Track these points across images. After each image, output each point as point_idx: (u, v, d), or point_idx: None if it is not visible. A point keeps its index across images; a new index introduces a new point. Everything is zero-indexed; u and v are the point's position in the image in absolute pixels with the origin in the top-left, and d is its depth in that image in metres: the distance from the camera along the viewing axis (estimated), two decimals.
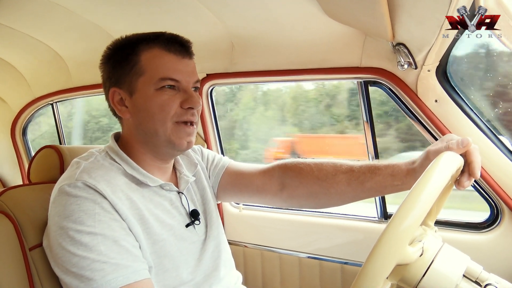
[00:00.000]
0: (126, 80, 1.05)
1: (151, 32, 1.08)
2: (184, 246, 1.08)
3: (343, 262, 1.75)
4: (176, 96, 1.04)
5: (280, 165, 1.28)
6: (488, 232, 1.48)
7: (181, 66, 1.05)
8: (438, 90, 1.42)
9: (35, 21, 1.80)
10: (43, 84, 2.48)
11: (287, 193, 1.26)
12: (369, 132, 1.66)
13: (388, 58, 1.47)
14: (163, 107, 1.02)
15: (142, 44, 1.05)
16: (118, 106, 1.08)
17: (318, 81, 2.91)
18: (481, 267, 0.78)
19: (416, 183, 0.69)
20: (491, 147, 1.39)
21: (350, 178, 1.15)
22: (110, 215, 0.92)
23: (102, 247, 0.88)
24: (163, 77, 1.02)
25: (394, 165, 1.09)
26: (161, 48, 1.04)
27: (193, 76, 1.07)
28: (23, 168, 2.84)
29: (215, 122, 2.03)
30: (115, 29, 1.78)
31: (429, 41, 1.12)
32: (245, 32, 1.67)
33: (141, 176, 1.06)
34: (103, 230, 0.89)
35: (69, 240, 0.88)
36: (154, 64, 1.03)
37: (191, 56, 1.09)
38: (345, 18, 1.38)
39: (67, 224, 0.89)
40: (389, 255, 0.62)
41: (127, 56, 1.05)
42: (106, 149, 1.10)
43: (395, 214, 0.65)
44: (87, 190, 0.92)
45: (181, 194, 1.16)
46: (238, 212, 2.03)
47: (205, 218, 1.21)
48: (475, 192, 1.50)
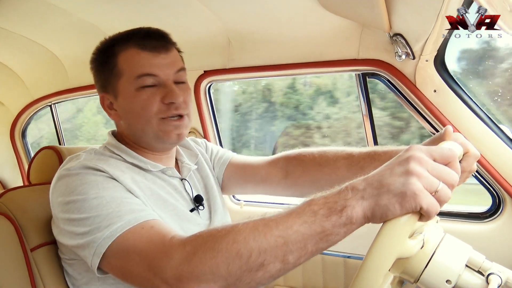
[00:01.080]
0: (109, 83, 1.06)
1: (127, 30, 1.07)
2: (188, 227, 1.08)
3: (346, 255, 1.75)
4: (156, 92, 1.03)
5: (284, 155, 1.30)
6: (490, 222, 1.48)
7: (157, 60, 1.03)
8: (436, 80, 1.41)
9: (31, 22, 1.79)
10: (41, 85, 2.47)
11: (290, 181, 1.27)
12: (368, 125, 1.66)
13: (386, 49, 1.46)
14: (144, 106, 1.02)
15: (118, 45, 1.05)
16: (109, 110, 1.10)
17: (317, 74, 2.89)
18: (484, 257, 0.78)
19: None
20: (492, 136, 1.38)
21: (350, 164, 1.16)
22: (114, 183, 0.93)
23: (112, 204, 0.88)
24: (139, 74, 1.01)
25: (393, 151, 1.09)
26: (135, 47, 1.03)
27: (172, 68, 1.05)
28: (23, 170, 2.84)
29: (214, 118, 2.02)
30: (111, 27, 1.76)
31: (426, 31, 1.11)
32: (242, 27, 1.66)
33: (141, 163, 1.07)
34: (109, 193, 0.90)
35: (77, 209, 0.88)
36: (130, 64, 1.02)
37: (168, 49, 1.07)
38: (342, 10, 1.37)
39: (72, 197, 0.89)
40: (389, 249, 0.62)
41: (107, 59, 1.05)
42: (104, 144, 1.12)
43: None
44: (87, 169, 0.93)
45: (184, 181, 1.17)
46: (240, 208, 2.03)
47: (209, 205, 1.22)
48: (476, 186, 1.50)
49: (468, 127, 1.39)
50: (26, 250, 1.07)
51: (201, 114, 1.97)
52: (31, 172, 1.34)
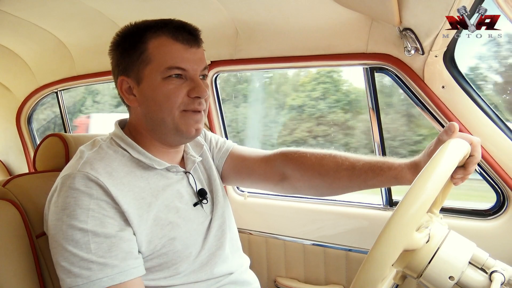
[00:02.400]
0: (133, 68, 1.05)
1: (159, 19, 1.06)
2: (192, 227, 1.09)
3: (347, 249, 1.76)
4: (183, 85, 1.03)
5: (281, 154, 1.28)
6: (494, 219, 1.48)
7: (189, 54, 1.03)
8: (445, 76, 1.40)
9: (39, 9, 1.79)
10: (47, 72, 2.48)
11: (288, 184, 1.27)
12: (374, 119, 1.65)
13: (395, 43, 1.44)
14: (170, 97, 1.02)
15: (150, 32, 1.03)
16: (126, 95, 1.08)
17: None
18: (487, 254, 0.78)
19: (423, 169, 0.69)
20: (499, 134, 1.37)
21: (352, 175, 1.15)
22: (104, 212, 0.93)
23: (92, 245, 0.89)
24: (170, 66, 1.01)
25: (397, 167, 1.08)
26: (169, 36, 1.02)
27: (200, 64, 1.06)
28: (28, 156, 2.86)
29: (220, 108, 2.02)
30: (119, 16, 1.77)
31: (436, 26, 1.10)
32: (250, 18, 1.65)
33: (147, 160, 1.06)
34: (94, 226, 0.90)
35: (62, 233, 0.90)
36: (162, 53, 1.02)
37: (199, 45, 1.07)
38: (352, 3, 1.36)
39: (62, 216, 0.91)
40: (397, 240, 0.62)
41: (134, 44, 1.04)
42: (111, 135, 1.11)
43: (403, 199, 0.65)
44: (86, 183, 0.93)
45: (188, 174, 1.17)
46: (243, 199, 2.04)
47: (212, 198, 1.22)
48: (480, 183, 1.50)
49: (475, 124, 1.39)
50: (31, 236, 1.08)
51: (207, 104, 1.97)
52: (37, 159, 1.35)
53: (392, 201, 1.72)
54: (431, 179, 0.66)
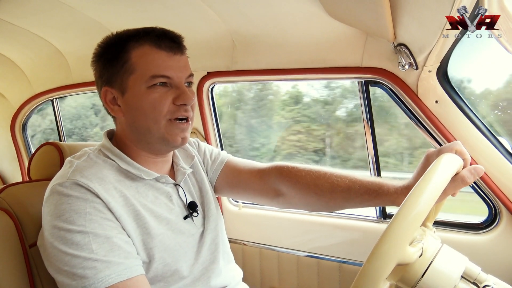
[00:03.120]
0: (117, 78, 1.04)
1: (141, 27, 1.05)
2: (182, 239, 1.08)
3: (341, 261, 1.76)
4: (168, 93, 1.02)
5: (276, 169, 1.26)
6: (486, 233, 1.49)
7: (172, 62, 1.02)
8: (438, 91, 1.42)
9: (36, 17, 1.80)
10: (43, 80, 2.48)
11: (283, 200, 1.26)
12: (369, 132, 1.66)
13: (389, 58, 1.47)
14: (155, 105, 1.01)
15: (132, 41, 1.02)
16: (111, 105, 1.07)
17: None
18: (479, 268, 0.79)
19: (417, 184, 0.69)
20: (491, 148, 1.39)
21: (348, 197, 1.14)
22: (101, 214, 0.92)
23: (93, 245, 0.87)
24: (154, 74, 1.00)
25: (393, 194, 1.06)
26: (151, 44, 1.01)
27: (185, 71, 1.05)
28: (22, 164, 2.84)
29: (215, 119, 2.03)
30: (116, 25, 1.76)
31: (430, 42, 1.12)
32: (247, 30, 1.67)
33: (135, 170, 1.05)
34: (94, 228, 0.89)
35: (60, 239, 0.88)
36: (145, 62, 1.00)
37: (182, 51, 1.06)
38: (347, 18, 1.38)
39: (58, 223, 0.89)
40: (390, 254, 0.63)
41: (117, 54, 1.03)
42: (99, 146, 1.10)
43: (397, 213, 0.65)
44: (78, 189, 0.92)
45: (178, 186, 1.16)
46: (238, 210, 2.04)
47: (203, 210, 1.21)
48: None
49: (467, 138, 1.40)
50: (25, 245, 1.07)
51: (203, 115, 1.98)
52: (32, 167, 1.34)
53: (386, 213, 1.73)
54: (424, 194, 0.67)
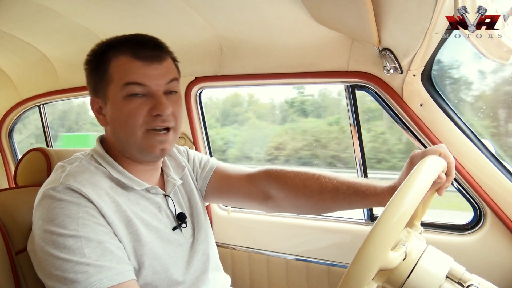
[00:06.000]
0: (100, 88, 1.04)
1: (122, 36, 1.05)
2: (171, 249, 1.08)
3: (330, 264, 1.77)
4: (144, 103, 1.00)
5: (265, 173, 1.28)
6: (471, 234, 1.51)
7: (148, 70, 1.00)
8: (423, 95, 1.45)
9: (23, 23, 1.78)
10: (30, 86, 2.45)
11: (272, 204, 1.27)
12: (356, 136, 1.68)
13: (375, 62, 1.49)
14: (130, 116, 0.99)
15: (112, 51, 1.02)
16: (97, 114, 1.08)
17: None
18: (464, 268, 0.80)
19: (399, 188, 0.70)
20: (474, 150, 1.42)
21: (336, 198, 1.15)
22: (94, 219, 0.91)
23: (85, 249, 0.87)
24: (127, 81, 0.98)
25: (380, 194, 1.09)
26: (128, 54, 1.00)
27: (163, 79, 1.02)
28: (9, 171, 2.80)
29: (204, 124, 2.03)
30: (104, 31, 1.78)
31: (414, 46, 1.14)
32: (234, 35, 1.68)
33: (126, 180, 1.05)
34: (86, 233, 0.88)
35: (52, 243, 0.87)
36: (121, 71, 0.99)
37: (162, 59, 1.03)
38: (332, 24, 1.40)
39: (50, 227, 0.88)
40: (372, 260, 0.63)
41: (98, 64, 1.03)
42: (92, 152, 1.09)
43: (379, 218, 0.66)
44: (71, 194, 0.91)
45: (167, 197, 1.16)
46: (227, 214, 2.03)
47: (192, 221, 1.21)
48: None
49: (452, 141, 1.43)
50: (11, 253, 1.06)
51: (191, 120, 1.98)
52: (18, 174, 1.33)
53: (373, 216, 1.75)
54: (407, 197, 0.68)
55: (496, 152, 1.43)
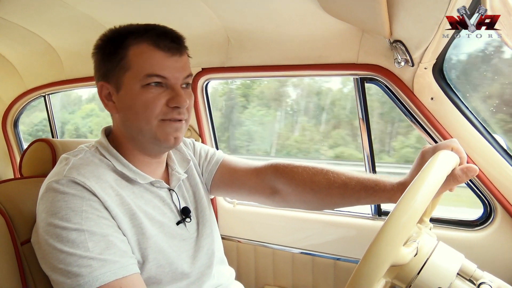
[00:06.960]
0: (113, 74, 1.02)
1: (142, 24, 1.03)
2: (174, 243, 1.07)
3: (336, 258, 1.76)
4: (162, 94, 1.00)
5: (272, 167, 1.26)
6: (481, 230, 1.50)
7: (170, 62, 1.00)
8: (434, 88, 1.42)
9: (29, 13, 1.77)
10: (36, 76, 2.45)
11: (279, 198, 1.26)
12: (364, 129, 1.66)
13: (385, 55, 1.46)
14: (148, 106, 0.99)
15: (131, 38, 1.00)
16: (106, 101, 1.06)
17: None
18: (475, 266, 0.79)
19: (412, 182, 0.69)
20: (486, 146, 1.39)
21: (345, 194, 1.13)
22: (98, 212, 0.91)
23: (89, 243, 0.87)
24: (149, 73, 0.98)
25: (389, 190, 1.06)
26: (150, 43, 0.99)
27: (182, 72, 1.02)
28: (14, 161, 2.82)
29: (210, 115, 2.02)
30: (109, 21, 1.76)
31: (426, 39, 1.12)
32: (242, 26, 1.66)
33: (131, 173, 1.04)
34: (90, 227, 0.88)
35: (56, 237, 0.87)
36: (141, 60, 0.98)
37: (182, 52, 1.03)
38: (343, 14, 1.37)
39: (54, 221, 0.88)
40: (384, 256, 0.62)
41: (115, 49, 1.01)
42: (96, 144, 1.08)
43: (391, 213, 0.65)
44: (75, 187, 0.91)
45: (172, 191, 1.15)
46: (232, 207, 2.03)
47: (196, 216, 1.20)
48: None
49: (463, 135, 1.41)
50: (16, 243, 1.05)
51: (198, 111, 1.96)
52: (23, 164, 1.33)
53: (380, 210, 1.73)
54: (419, 193, 0.66)
55: (507, 147, 1.40)
